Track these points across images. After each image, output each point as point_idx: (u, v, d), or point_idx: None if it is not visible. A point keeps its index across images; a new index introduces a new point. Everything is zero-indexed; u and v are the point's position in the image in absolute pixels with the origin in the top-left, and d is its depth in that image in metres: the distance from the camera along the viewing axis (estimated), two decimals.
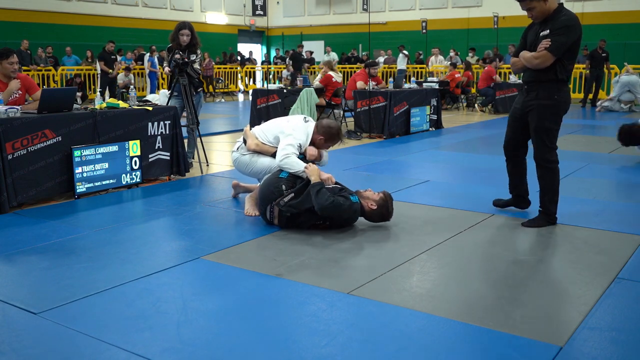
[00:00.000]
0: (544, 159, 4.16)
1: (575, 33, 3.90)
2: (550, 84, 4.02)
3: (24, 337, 2.51)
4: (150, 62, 16.90)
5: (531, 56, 4.00)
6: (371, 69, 9.68)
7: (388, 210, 4.14)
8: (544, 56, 3.92)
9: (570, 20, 3.89)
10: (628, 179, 5.83)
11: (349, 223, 4.15)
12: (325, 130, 4.49)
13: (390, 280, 3.17)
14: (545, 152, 4.14)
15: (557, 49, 3.88)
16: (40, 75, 15.61)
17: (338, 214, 4.00)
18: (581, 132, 9.87)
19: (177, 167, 5.94)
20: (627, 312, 2.77)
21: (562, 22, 3.89)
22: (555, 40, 3.87)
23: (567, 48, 3.92)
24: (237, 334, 2.55)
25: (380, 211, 4.12)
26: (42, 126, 4.78)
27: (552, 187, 4.16)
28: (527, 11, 4.00)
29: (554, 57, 3.90)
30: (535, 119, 4.11)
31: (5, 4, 17.14)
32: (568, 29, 3.88)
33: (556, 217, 4.19)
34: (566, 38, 3.87)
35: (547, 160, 4.15)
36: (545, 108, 4.06)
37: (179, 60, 6.15)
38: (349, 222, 4.15)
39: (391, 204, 4.16)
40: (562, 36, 3.87)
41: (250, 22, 23.96)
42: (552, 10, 3.94)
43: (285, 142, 4.32)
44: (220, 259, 3.50)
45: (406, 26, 22.01)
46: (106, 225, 4.22)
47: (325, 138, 4.49)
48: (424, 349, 2.44)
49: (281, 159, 4.23)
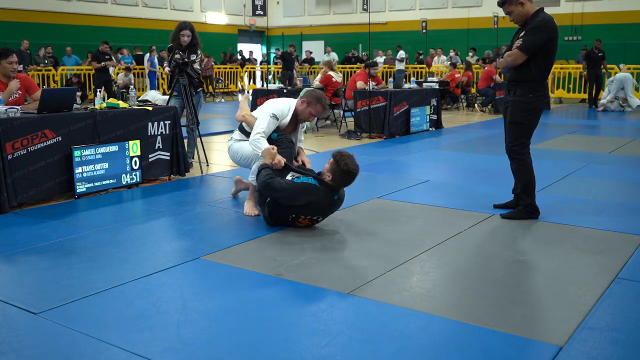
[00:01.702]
0: (513, 150, 4.35)
1: (546, 34, 4.06)
2: (527, 84, 4.20)
3: (24, 337, 2.51)
4: (150, 62, 16.90)
5: (506, 55, 4.24)
6: (371, 69, 9.68)
7: (347, 169, 3.88)
8: (514, 54, 4.13)
9: (542, 22, 4.08)
10: (628, 179, 5.83)
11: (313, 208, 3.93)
12: (308, 94, 4.47)
13: (390, 280, 3.17)
14: (515, 144, 4.32)
15: (527, 47, 4.06)
16: (40, 75, 15.61)
17: (277, 196, 3.90)
18: (581, 132, 9.87)
19: (177, 167, 5.94)
20: (627, 312, 2.77)
21: (534, 24, 4.09)
22: (526, 39, 4.08)
23: (541, 48, 4.08)
24: (237, 334, 2.55)
25: (339, 176, 3.90)
26: (42, 126, 4.78)
27: (524, 179, 4.32)
28: (508, 15, 4.24)
29: (525, 56, 4.08)
30: (509, 114, 4.34)
31: (5, 4, 17.14)
32: (539, 30, 4.06)
33: (537, 209, 4.33)
34: (535, 38, 4.05)
35: (517, 152, 4.32)
36: (519, 104, 4.24)
37: (179, 60, 6.15)
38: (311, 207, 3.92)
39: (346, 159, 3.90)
40: (531, 36, 4.06)
41: (250, 22, 23.95)
42: (531, 14, 4.15)
43: (258, 122, 4.38)
44: (220, 259, 3.50)
45: (406, 26, 22.01)
46: (106, 225, 4.22)
47: (308, 101, 4.46)
48: (424, 349, 2.44)
49: (251, 140, 4.34)
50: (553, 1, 19.71)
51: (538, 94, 4.23)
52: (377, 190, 5.31)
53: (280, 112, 4.45)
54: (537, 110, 4.29)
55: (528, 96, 4.22)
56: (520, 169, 4.36)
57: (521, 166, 4.35)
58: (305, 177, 4.02)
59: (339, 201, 4.09)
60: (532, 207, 4.33)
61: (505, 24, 20.31)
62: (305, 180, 3.98)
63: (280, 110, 4.46)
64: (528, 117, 4.27)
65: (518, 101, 4.26)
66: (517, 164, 4.37)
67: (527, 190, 4.33)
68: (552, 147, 7.99)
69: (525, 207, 4.32)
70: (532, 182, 4.35)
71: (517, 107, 4.27)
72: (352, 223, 4.29)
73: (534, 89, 4.21)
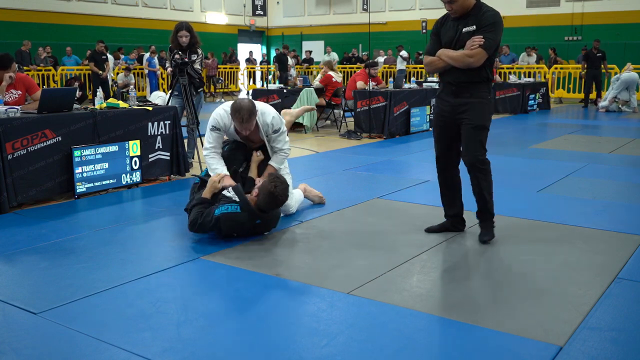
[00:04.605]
0: (479, 160, 3.79)
1: (501, 30, 3.71)
2: (483, 83, 3.75)
3: (24, 337, 2.51)
4: (149, 62, 16.89)
5: (463, 54, 3.65)
6: (371, 69, 9.68)
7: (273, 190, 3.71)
8: (478, 54, 3.62)
9: (497, 17, 3.69)
10: (628, 179, 5.83)
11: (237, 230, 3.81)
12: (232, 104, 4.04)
13: (390, 280, 3.17)
14: (480, 153, 3.80)
15: (490, 46, 3.64)
16: (40, 75, 15.61)
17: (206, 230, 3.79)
18: (581, 132, 9.87)
19: (177, 167, 5.94)
20: (627, 312, 2.77)
21: (490, 18, 3.66)
22: (488, 37, 3.62)
23: None
24: (237, 334, 2.55)
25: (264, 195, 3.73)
26: (42, 126, 4.78)
27: (489, 191, 3.84)
28: (447, 4, 3.68)
29: (487, 55, 3.65)
30: (474, 118, 3.75)
31: (5, 4, 17.14)
32: (497, 26, 3.67)
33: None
34: (496, 35, 3.66)
35: (482, 162, 3.80)
36: (483, 106, 3.77)
37: (178, 61, 6.16)
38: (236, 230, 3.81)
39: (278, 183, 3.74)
40: (492, 33, 3.64)
41: (250, 22, 23.96)
42: (472, 5, 3.69)
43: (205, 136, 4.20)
44: (220, 259, 3.49)
45: (406, 26, 22.01)
46: (106, 225, 4.22)
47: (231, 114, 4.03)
48: (424, 349, 2.44)
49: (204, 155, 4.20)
50: (553, 1, 19.72)
51: (490, 93, 3.83)
52: (377, 190, 5.31)
53: (219, 121, 4.11)
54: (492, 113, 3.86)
55: (487, 97, 3.78)
56: (487, 180, 3.81)
57: (488, 176, 3.82)
58: (224, 206, 3.75)
59: (264, 224, 3.90)
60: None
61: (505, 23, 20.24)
62: (224, 209, 3.73)
63: (218, 119, 4.11)
64: (489, 120, 3.81)
65: (481, 102, 3.75)
66: (484, 174, 3.81)
67: (492, 201, 3.86)
68: (552, 147, 7.99)
69: (493, 222, 3.87)
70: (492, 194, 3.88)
71: (481, 109, 3.76)
72: (352, 223, 4.29)
73: (488, 88, 3.80)
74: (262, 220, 3.85)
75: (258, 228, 3.89)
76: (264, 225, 3.92)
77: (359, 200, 4.92)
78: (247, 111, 3.95)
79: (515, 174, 6.09)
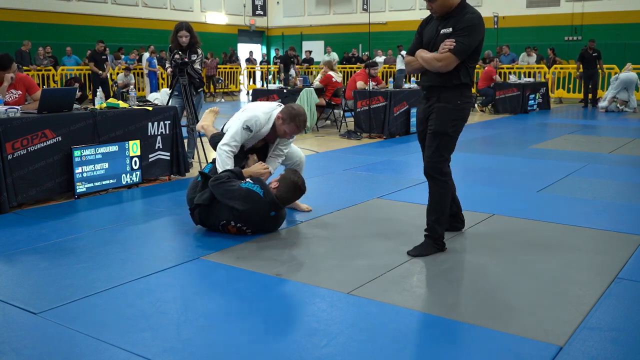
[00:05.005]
0: (435, 169, 3.59)
1: (480, 34, 3.45)
2: (455, 88, 3.52)
3: (24, 337, 2.51)
4: (149, 62, 16.88)
5: (432, 58, 3.48)
6: (371, 69, 9.68)
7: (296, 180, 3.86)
8: (447, 59, 3.41)
9: (475, 19, 3.43)
10: (628, 179, 5.83)
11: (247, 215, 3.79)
12: (285, 109, 4.13)
13: (390, 280, 3.17)
14: (438, 161, 3.58)
15: (461, 51, 3.40)
16: (40, 75, 15.61)
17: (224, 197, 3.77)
18: (581, 132, 9.87)
19: (177, 167, 5.94)
20: (627, 312, 2.77)
21: (466, 21, 3.42)
22: (460, 41, 3.39)
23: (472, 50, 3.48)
24: (237, 334, 2.55)
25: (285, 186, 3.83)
26: (42, 126, 4.78)
27: (440, 205, 3.62)
28: (428, 2, 3.50)
29: (458, 61, 3.43)
30: (433, 123, 3.57)
31: (5, 4, 17.14)
32: (473, 30, 3.41)
33: (444, 241, 3.65)
34: (470, 40, 3.41)
35: (439, 171, 3.59)
36: (447, 112, 3.54)
37: (178, 61, 6.16)
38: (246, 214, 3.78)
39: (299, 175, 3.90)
40: (466, 37, 3.40)
41: (250, 22, 23.95)
42: (455, 5, 3.47)
43: (229, 130, 4.16)
44: (220, 259, 3.50)
45: (406, 26, 21.99)
46: (106, 225, 4.22)
47: (283, 118, 4.10)
48: (424, 349, 2.44)
49: (218, 150, 4.13)
50: (553, 1, 19.73)
51: (465, 99, 3.57)
52: (377, 190, 5.31)
53: (254, 123, 4.10)
54: (463, 120, 3.62)
55: (456, 102, 3.53)
56: (440, 193, 3.61)
57: (442, 189, 3.61)
58: (251, 184, 3.80)
59: (274, 219, 3.91)
60: (441, 241, 3.63)
61: (505, 23, 20.37)
62: (251, 186, 3.77)
63: (254, 121, 4.10)
64: (456, 128, 3.59)
65: (446, 108, 3.54)
66: (438, 186, 3.61)
67: (441, 219, 3.62)
68: (552, 147, 7.99)
69: (435, 239, 3.60)
70: (448, 210, 3.68)
71: (444, 114, 3.55)
72: (352, 223, 4.29)
73: (462, 94, 3.54)
74: (276, 213, 3.87)
75: (267, 222, 3.90)
76: (273, 222, 3.93)
77: (359, 200, 4.92)
78: (305, 117, 4.11)
79: (515, 174, 6.09)
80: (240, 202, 3.75)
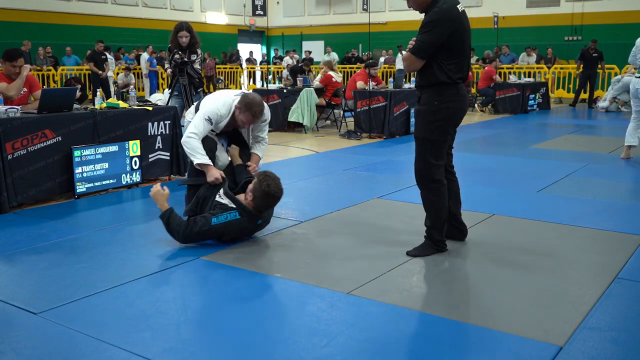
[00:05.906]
0: (423, 177, 3.49)
1: (444, 28, 3.25)
2: (432, 88, 3.38)
3: (24, 337, 2.51)
4: (149, 62, 16.88)
5: (403, 57, 3.45)
6: (371, 69, 9.68)
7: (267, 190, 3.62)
8: (407, 59, 3.35)
9: (437, 14, 3.27)
10: (628, 179, 5.83)
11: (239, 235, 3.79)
12: (242, 99, 4.11)
13: (390, 280, 3.17)
14: (423, 168, 3.48)
15: (420, 49, 3.28)
16: (40, 75, 15.60)
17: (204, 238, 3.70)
18: (581, 132, 9.87)
19: (177, 167, 5.94)
20: (627, 312, 2.77)
21: (428, 17, 3.31)
22: (418, 39, 3.29)
23: (441, 46, 3.29)
24: (237, 334, 2.55)
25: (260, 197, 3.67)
26: (42, 126, 4.78)
27: (432, 211, 3.51)
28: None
29: (420, 59, 3.31)
30: (416, 129, 3.52)
31: (5, 4, 17.14)
32: (434, 25, 3.26)
33: (445, 243, 3.60)
34: (431, 36, 3.26)
35: (429, 178, 3.47)
36: (424, 114, 3.43)
37: (177, 60, 6.16)
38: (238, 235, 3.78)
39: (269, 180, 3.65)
40: (426, 34, 3.27)
41: (250, 22, 23.95)
42: (430, 1, 3.36)
43: (193, 121, 4.15)
44: (220, 259, 3.49)
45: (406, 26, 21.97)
46: (106, 225, 4.22)
47: (239, 107, 4.10)
48: (424, 349, 2.44)
49: (184, 139, 4.10)
50: (553, 1, 19.73)
51: (445, 99, 3.37)
52: (377, 190, 5.31)
53: (215, 114, 4.12)
54: (445, 122, 3.41)
55: (432, 103, 3.37)
56: (431, 201, 3.49)
57: (434, 197, 3.48)
58: (222, 215, 3.68)
59: (264, 223, 3.90)
60: (441, 244, 3.57)
61: (505, 23, 20.36)
62: (224, 218, 3.67)
63: (215, 112, 4.12)
64: (438, 130, 3.41)
65: (421, 110, 3.45)
66: (431, 194, 3.49)
67: (437, 225, 3.52)
68: (552, 147, 7.99)
69: (434, 242, 3.56)
70: (443, 216, 3.53)
71: (421, 117, 3.45)
72: (352, 223, 4.29)
73: (439, 94, 3.36)
74: (262, 221, 3.85)
75: (259, 228, 3.89)
76: (264, 224, 3.92)
77: (359, 200, 4.92)
78: (261, 106, 4.12)
79: (515, 174, 6.09)
80: (223, 233, 3.71)
